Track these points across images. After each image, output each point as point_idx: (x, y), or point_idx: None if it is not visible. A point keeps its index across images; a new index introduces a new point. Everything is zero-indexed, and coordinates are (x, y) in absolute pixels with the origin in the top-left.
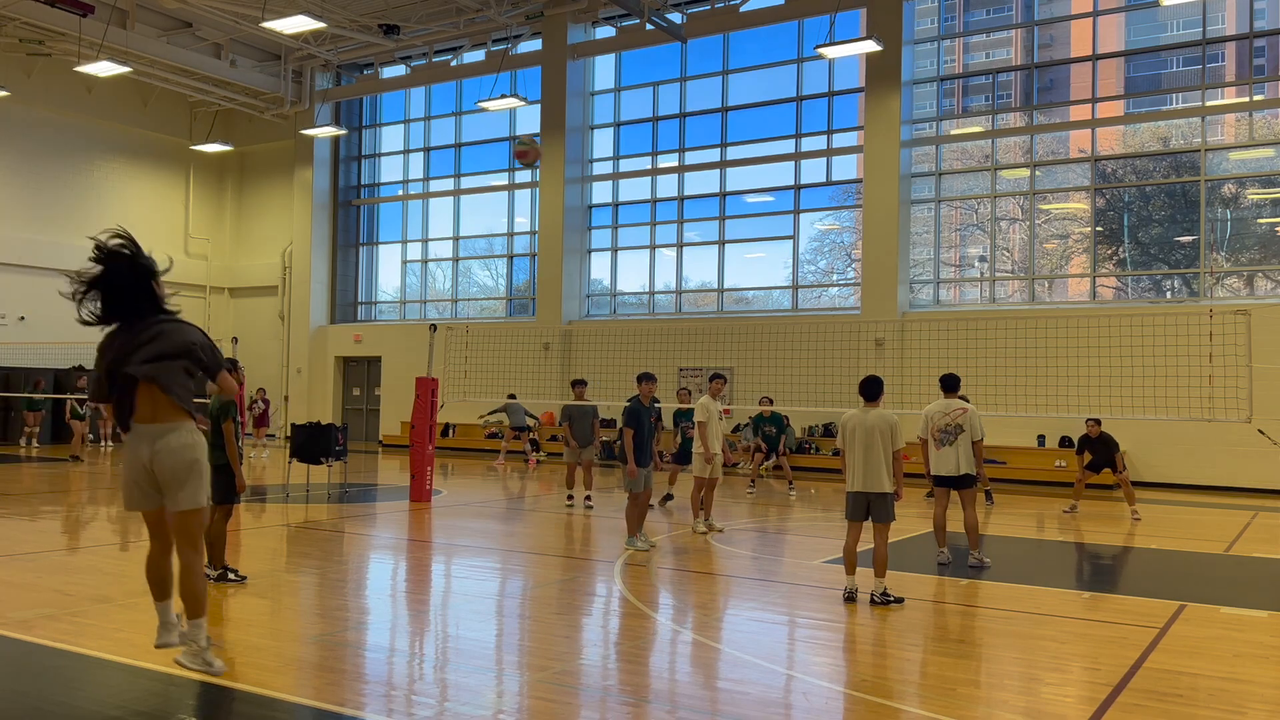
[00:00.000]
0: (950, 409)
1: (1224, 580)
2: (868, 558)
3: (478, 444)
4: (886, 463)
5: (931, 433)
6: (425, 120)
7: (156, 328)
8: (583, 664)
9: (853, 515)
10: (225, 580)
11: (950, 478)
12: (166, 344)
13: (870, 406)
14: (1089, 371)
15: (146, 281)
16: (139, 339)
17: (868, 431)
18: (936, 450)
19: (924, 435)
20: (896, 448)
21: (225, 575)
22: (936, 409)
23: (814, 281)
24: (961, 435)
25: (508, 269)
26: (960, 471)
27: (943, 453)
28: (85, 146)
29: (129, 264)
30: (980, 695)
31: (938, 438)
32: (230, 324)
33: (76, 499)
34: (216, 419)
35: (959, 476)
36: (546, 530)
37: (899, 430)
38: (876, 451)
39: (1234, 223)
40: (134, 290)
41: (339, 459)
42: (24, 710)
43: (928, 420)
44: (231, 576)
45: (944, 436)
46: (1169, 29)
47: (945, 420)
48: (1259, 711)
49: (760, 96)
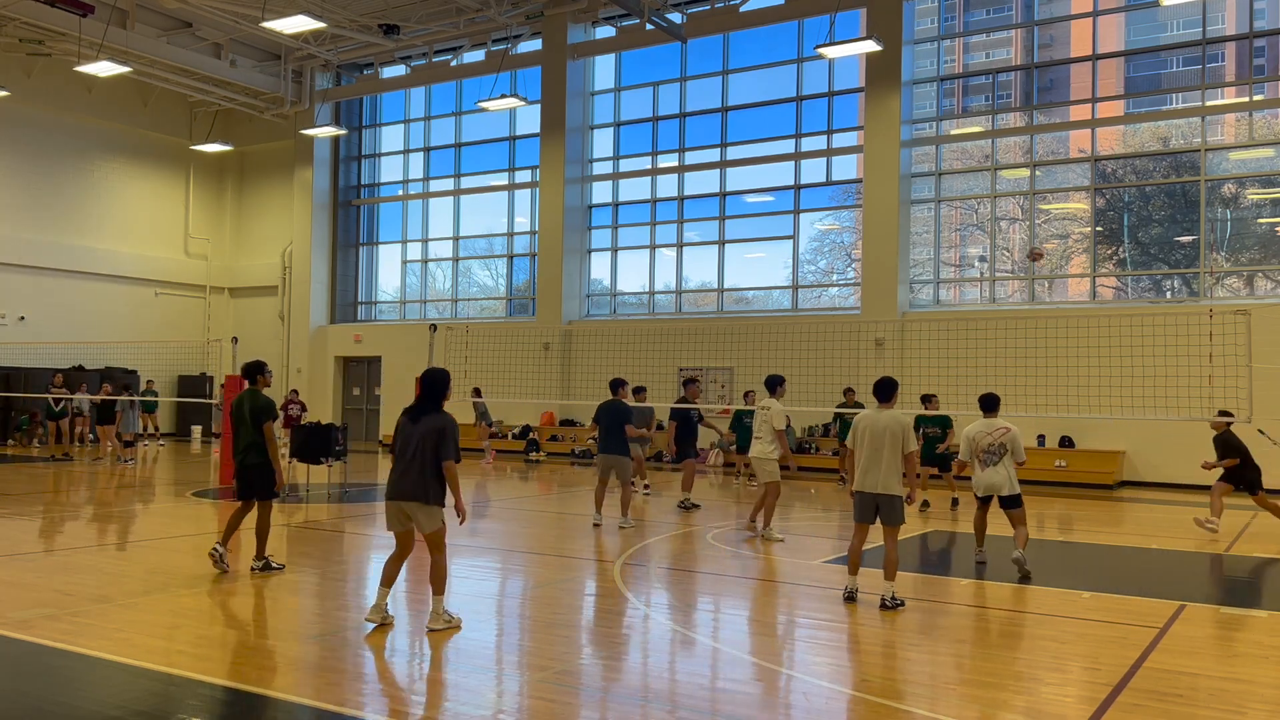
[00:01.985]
0: (993, 429)
1: (1224, 580)
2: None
3: (478, 444)
4: (897, 465)
5: (975, 454)
6: (425, 120)
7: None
8: (583, 664)
9: (861, 517)
10: (269, 570)
11: (990, 498)
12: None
13: (884, 407)
14: (1089, 371)
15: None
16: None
17: (878, 433)
18: (981, 471)
19: (966, 458)
20: (909, 449)
21: (268, 565)
22: (979, 430)
23: (814, 281)
24: (1006, 456)
25: (508, 269)
26: (1008, 491)
27: (987, 473)
28: (85, 146)
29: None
30: (980, 695)
31: (981, 458)
32: (230, 324)
33: (65, 499)
34: (257, 419)
35: (1007, 497)
36: (546, 530)
37: (911, 433)
38: (885, 453)
39: (1234, 223)
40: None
41: (339, 459)
42: (24, 710)
43: (971, 442)
44: (274, 566)
45: (988, 457)
46: (1169, 29)
47: (989, 440)
48: (1259, 711)
49: (760, 96)
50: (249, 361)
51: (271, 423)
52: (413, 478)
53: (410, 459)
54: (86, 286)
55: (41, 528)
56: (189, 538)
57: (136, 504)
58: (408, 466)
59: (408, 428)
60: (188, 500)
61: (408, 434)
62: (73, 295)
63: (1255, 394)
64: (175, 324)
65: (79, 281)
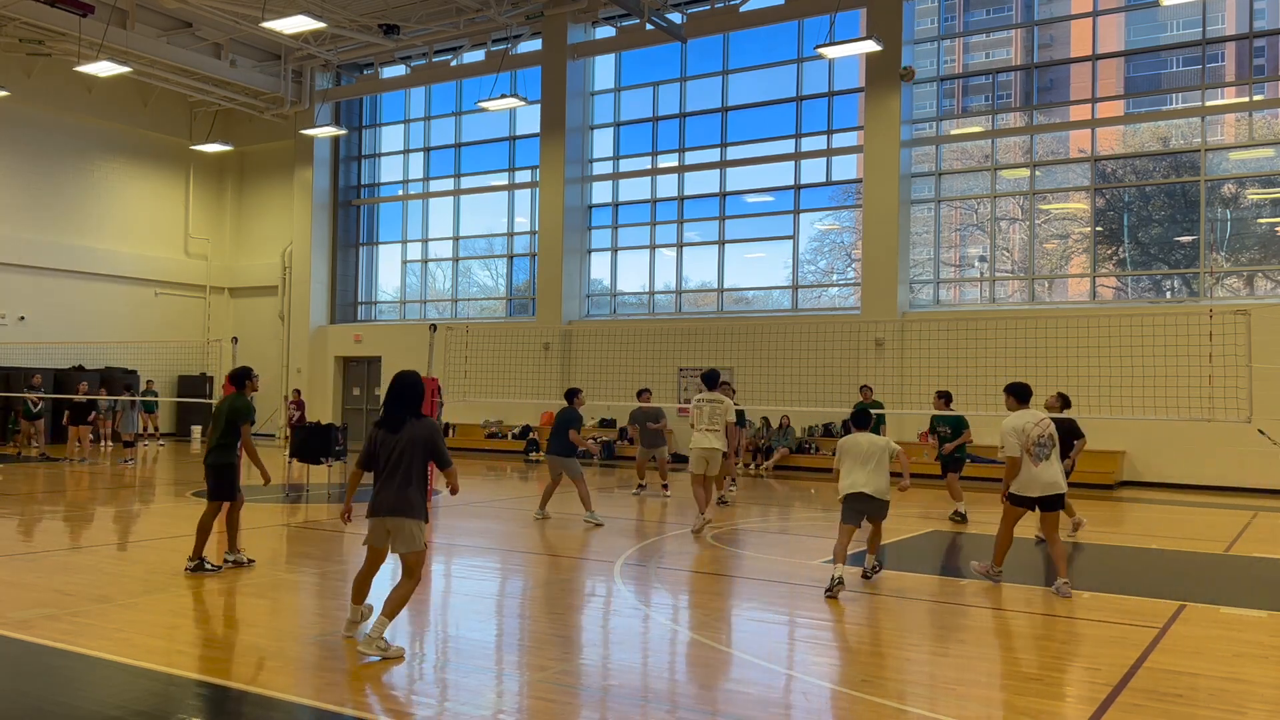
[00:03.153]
0: (1039, 418)
1: (1224, 580)
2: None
3: (478, 444)
4: (886, 471)
5: (1027, 447)
6: (425, 120)
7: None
8: (583, 664)
9: (848, 519)
10: (202, 570)
11: (1045, 497)
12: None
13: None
14: (1089, 371)
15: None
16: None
17: (864, 450)
18: (1034, 467)
19: (1016, 453)
20: (896, 453)
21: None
22: (1027, 420)
23: (814, 281)
24: (1055, 448)
25: (508, 269)
26: (1060, 490)
27: (1041, 469)
28: (85, 146)
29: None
30: (980, 695)
31: (1033, 452)
32: (230, 324)
33: (65, 499)
34: (232, 421)
35: (1057, 496)
36: (546, 530)
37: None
38: (873, 464)
39: (1234, 223)
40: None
41: (339, 459)
42: (24, 710)
43: (1022, 434)
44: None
45: (1039, 450)
46: (1169, 29)
47: (1039, 430)
48: (1259, 711)
49: (760, 96)
50: (237, 368)
51: (248, 425)
52: (396, 492)
53: (394, 471)
54: (86, 286)
55: (42, 527)
56: (189, 538)
57: (136, 504)
58: (389, 480)
59: (388, 439)
60: (188, 500)
61: (389, 445)
62: (73, 295)
63: (1255, 394)
64: (175, 324)
65: (79, 281)
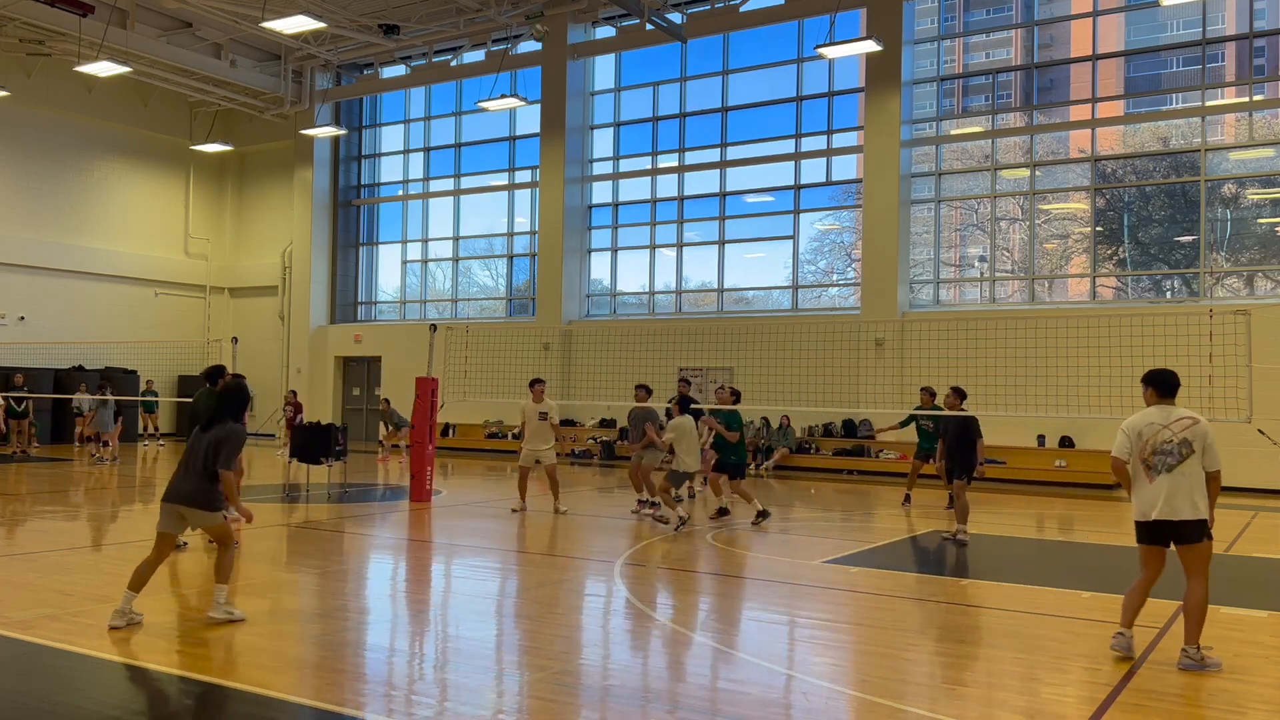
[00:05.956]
0: (1171, 419)
1: (1224, 580)
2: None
3: (478, 444)
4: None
5: (1142, 456)
6: (425, 120)
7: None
8: (583, 664)
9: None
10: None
11: (1166, 524)
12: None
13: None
14: (1089, 371)
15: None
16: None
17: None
18: (1149, 483)
19: (1122, 455)
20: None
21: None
22: (1154, 419)
23: (814, 281)
24: (1191, 458)
25: (508, 269)
26: (1189, 515)
27: (1156, 484)
28: (85, 146)
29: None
30: (980, 695)
31: (1151, 462)
32: (230, 324)
33: (65, 499)
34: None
35: (1181, 523)
36: (546, 530)
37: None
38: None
39: (1234, 223)
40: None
41: (339, 459)
42: (24, 710)
43: (1136, 437)
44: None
45: (1159, 460)
46: (1169, 29)
47: (1165, 436)
48: (1259, 711)
49: (760, 96)
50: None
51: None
52: (185, 480)
53: (188, 463)
54: (86, 286)
55: (43, 527)
56: (188, 537)
57: (136, 504)
58: (185, 470)
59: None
60: None
61: (194, 440)
62: (73, 295)
63: (1255, 394)
64: (175, 324)
65: (79, 281)
